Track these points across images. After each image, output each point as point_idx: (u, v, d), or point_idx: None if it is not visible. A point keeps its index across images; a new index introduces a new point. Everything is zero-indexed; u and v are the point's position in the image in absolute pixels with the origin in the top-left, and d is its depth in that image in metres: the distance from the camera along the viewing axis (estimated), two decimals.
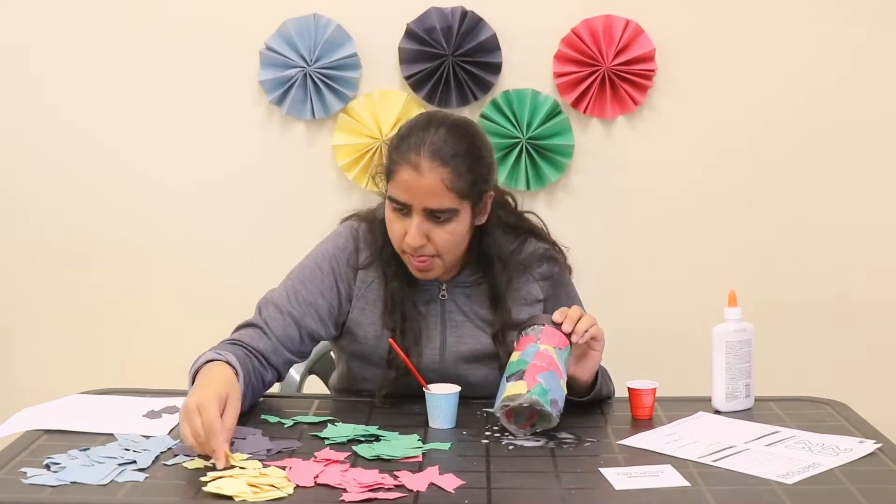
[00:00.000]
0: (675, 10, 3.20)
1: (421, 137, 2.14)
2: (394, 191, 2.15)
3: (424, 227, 2.13)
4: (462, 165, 2.13)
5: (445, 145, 2.13)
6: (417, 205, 2.12)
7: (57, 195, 3.28)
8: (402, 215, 2.15)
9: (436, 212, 2.13)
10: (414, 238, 2.13)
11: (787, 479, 1.77)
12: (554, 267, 2.32)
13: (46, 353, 3.33)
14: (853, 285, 3.27)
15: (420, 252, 2.15)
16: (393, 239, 2.18)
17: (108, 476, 1.77)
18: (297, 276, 2.25)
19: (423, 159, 2.11)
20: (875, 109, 3.23)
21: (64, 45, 3.24)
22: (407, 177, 2.12)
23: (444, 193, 2.12)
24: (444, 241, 2.15)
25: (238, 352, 2.12)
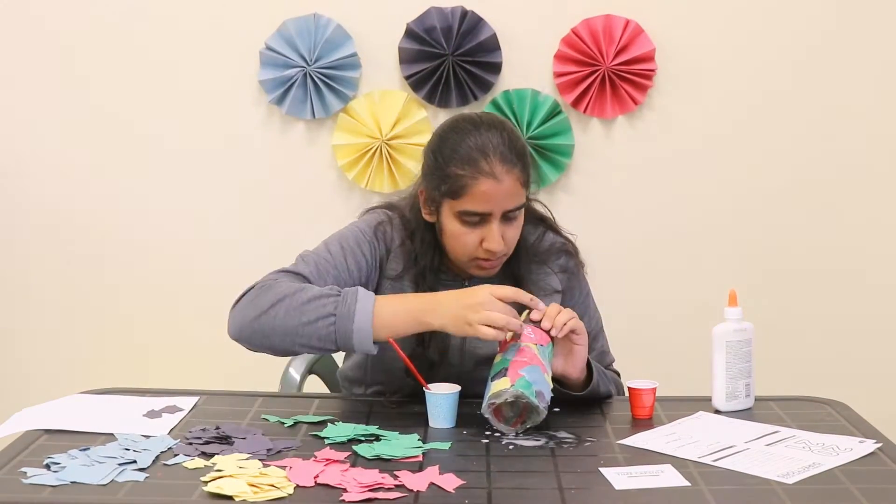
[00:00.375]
0: (675, 10, 3.21)
1: (483, 147, 2.12)
2: (469, 205, 2.12)
3: (501, 229, 2.14)
4: (525, 160, 2.18)
5: (507, 145, 2.14)
6: (497, 211, 2.13)
7: (57, 195, 3.28)
8: (475, 226, 2.13)
9: (511, 211, 2.15)
10: (499, 244, 2.13)
11: (787, 479, 1.77)
12: (570, 260, 2.33)
13: (46, 354, 3.33)
14: (853, 285, 3.28)
15: (498, 255, 2.15)
16: (464, 251, 2.16)
17: (108, 476, 1.77)
18: (341, 243, 2.20)
19: (495, 166, 2.11)
20: (875, 109, 3.24)
21: (64, 45, 3.24)
22: (486, 188, 2.11)
23: (520, 192, 2.16)
24: (515, 236, 2.19)
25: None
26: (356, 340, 2.03)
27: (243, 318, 2.07)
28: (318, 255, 2.18)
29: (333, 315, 2.02)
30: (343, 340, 2.04)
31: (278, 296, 2.05)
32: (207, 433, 1.97)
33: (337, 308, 2.02)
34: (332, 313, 2.02)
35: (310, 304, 2.03)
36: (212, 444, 1.93)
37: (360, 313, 2.02)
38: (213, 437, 1.95)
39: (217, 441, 1.94)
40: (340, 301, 2.03)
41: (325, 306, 2.03)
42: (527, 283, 2.25)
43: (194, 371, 3.03)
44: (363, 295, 2.04)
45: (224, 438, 1.95)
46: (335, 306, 2.02)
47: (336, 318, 2.02)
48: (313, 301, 2.03)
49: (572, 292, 2.32)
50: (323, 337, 2.03)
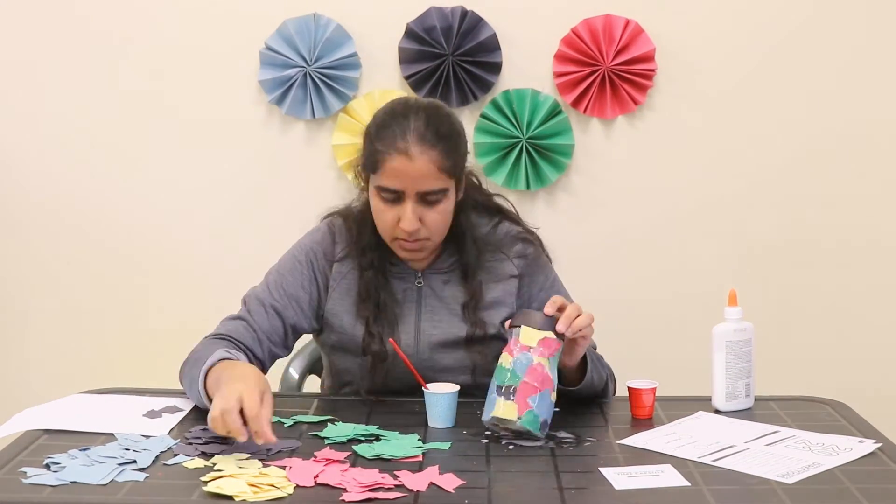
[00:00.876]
0: (675, 10, 3.21)
1: (403, 124, 2.16)
2: (384, 180, 2.17)
3: (418, 210, 2.16)
4: (448, 145, 2.17)
5: (430, 128, 2.16)
6: (410, 190, 2.15)
7: (58, 194, 3.28)
8: (393, 203, 2.17)
9: (428, 194, 2.16)
10: (410, 223, 2.15)
11: (787, 479, 1.77)
12: (528, 247, 2.32)
13: (47, 354, 3.33)
14: (854, 284, 3.28)
15: (414, 236, 2.18)
16: (383, 228, 2.21)
17: (108, 476, 1.77)
18: (278, 271, 2.31)
19: (411, 145, 2.14)
20: (875, 109, 3.23)
21: (64, 45, 3.24)
22: (397, 164, 2.14)
23: (436, 175, 2.16)
24: (436, 221, 2.19)
25: (229, 346, 2.17)
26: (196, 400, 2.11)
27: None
28: (257, 292, 2.29)
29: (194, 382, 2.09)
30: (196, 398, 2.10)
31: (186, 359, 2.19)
32: (207, 433, 1.97)
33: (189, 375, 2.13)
34: (193, 380, 2.09)
35: (185, 369, 2.16)
36: (212, 444, 1.93)
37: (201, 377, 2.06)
38: (212, 437, 1.95)
39: (217, 441, 1.94)
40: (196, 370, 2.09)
41: (191, 372, 2.12)
42: (477, 271, 2.27)
43: None
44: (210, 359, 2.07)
45: (224, 438, 1.95)
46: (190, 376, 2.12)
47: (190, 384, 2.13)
48: (191, 366, 2.13)
49: (534, 277, 2.31)
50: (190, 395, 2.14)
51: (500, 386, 1.99)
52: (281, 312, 2.26)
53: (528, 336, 2.00)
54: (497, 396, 1.99)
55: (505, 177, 3.20)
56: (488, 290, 2.27)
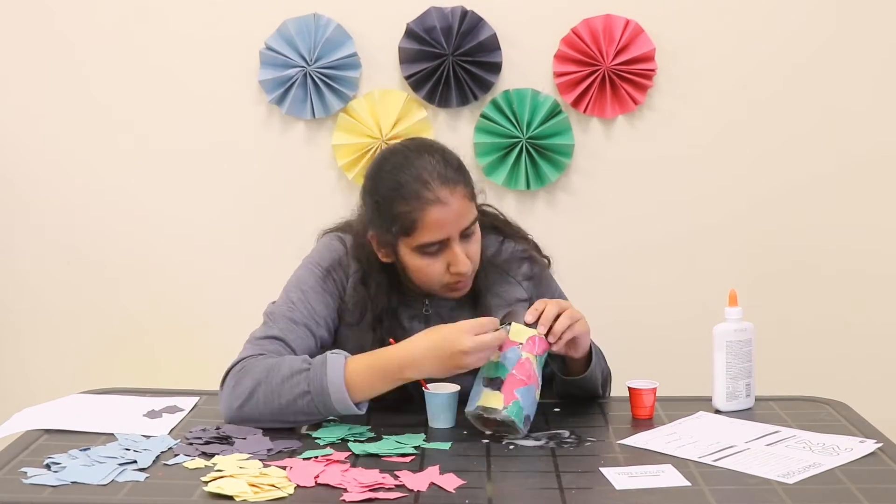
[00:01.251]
0: (675, 10, 3.20)
1: (417, 174, 2.09)
2: (425, 236, 2.09)
3: (464, 248, 2.12)
4: (464, 173, 2.15)
5: (444, 166, 2.11)
6: (454, 234, 2.10)
7: (58, 194, 3.28)
8: (435, 255, 2.11)
9: (467, 229, 2.12)
10: (465, 263, 2.10)
11: (787, 479, 1.77)
12: (534, 266, 2.31)
13: (46, 354, 3.32)
14: (853, 285, 3.27)
15: (467, 275, 2.13)
16: (432, 280, 2.14)
17: (109, 476, 1.77)
18: (299, 287, 2.20)
19: (439, 191, 2.08)
20: (875, 109, 3.23)
21: (64, 45, 3.24)
22: (438, 215, 2.08)
23: (469, 207, 2.13)
24: (475, 251, 2.16)
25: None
26: (340, 409, 2.02)
27: (229, 407, 2.06)
28: (283, 309, 2.17)
29: (308, 392, 2.01)
30: (326, 411, 2.03)
31: (254, 382, 2.04)
32: (208, 433, 1.97)
33: (310, 385, 2.01)
34: (307, 391, 2.01)
35: (284, 386, 2.02)
36: (212, 444, 1.93)
37: (332, 386, 2.00)
38: (213, 437, 1.96)
39: (217, 441, 1.95)
40: (311, 376, 2.01)
41: (299, 385, 2.01)
42: (489, 296, 2.23)
43: (195, 371, 3.02)
44: (332, 365, 2.02)
45: (224, 438, 1.96)
46: (308, 383, 2.01)
47: (311, 394, 2.01)
48: (286, 382, 2.02)
49: (542, 294, 2.28)
50: (307, 412, 2.03)
51: (487, 378, 2.01)
52: (313, 330, 2.16)
53: (517, 332, 2.02)
54: (483, 388, 2.00)
55: (505, 177, 3.20)
56: (498, 314, 2.22)
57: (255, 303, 2.25)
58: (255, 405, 2.03)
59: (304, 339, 2.14)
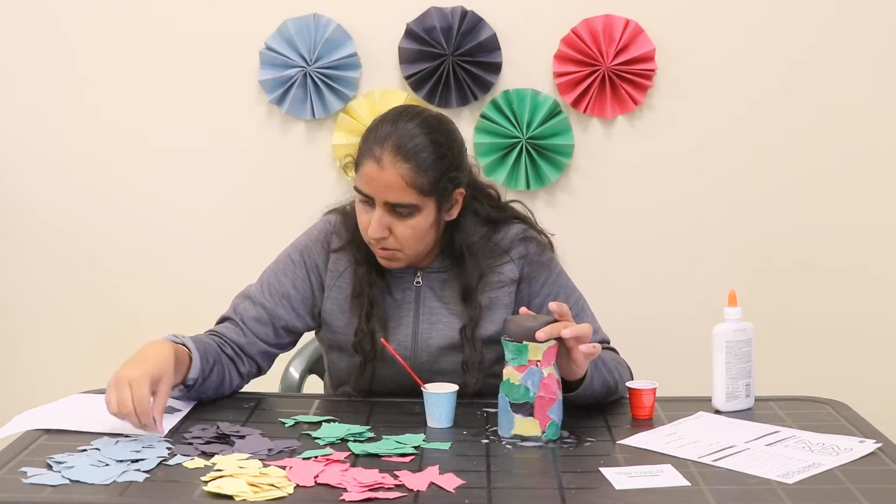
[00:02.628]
0: (675, 10, 3.21)
1: (387, 131, 2.15)
2: (359, 182, 2.17)
3: (386, 219, 2.15)
4: (425, 162, 2.14)
5: (409, 141, 2.14)
6: (379, 198, 2.14)
7: (58, 194, 3.28)
8: (368, 206, 2.17)
9: (396, 206, 2.14)
10: (374, 230, 2.15)
11: (787, 479, 1.77)
12: (530, 246, 2.29)
13: (46, 354, 3.33)
14: (853, 284, 3.28)
15: (382, 244, 2.17)
16: (361, 228, 2.20)
17: (111, 477, 1.77)
18: (271, 269, 2.31)
19: (385, 153, 2.13)
20: (874, 108, 3.23)
21: (64, 45, 3.24)
22: (369, 170, 2.14)
23: (404, 189, 2.13)
24: (405, 235, 2.17)
25: (211, 341, 2.19)
26: None
27: None
28: (248, 289, 2.31)
29: None
30: None
31: None
32: (207, 433, 1.97)
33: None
34: None
35: None
36: (212, 444, 1.93)
37: None
38: (213, 437, 1.96)
39: (217, 441, 1.94)
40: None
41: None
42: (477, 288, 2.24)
43: None
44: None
45: (224, 438, 1.96)
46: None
47: None
48: None
49: (537, 276, 2.28)
50: None
51: (514, 403, 1.97)
52: (271, 311, 2.25)
53: (534, 351, 1.97)
54: (514, 414, 1.97)
55: (505, 177, 3.20)
56: (487, 298, 2.24)
57: None
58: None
59: (259, 320, 2.26)
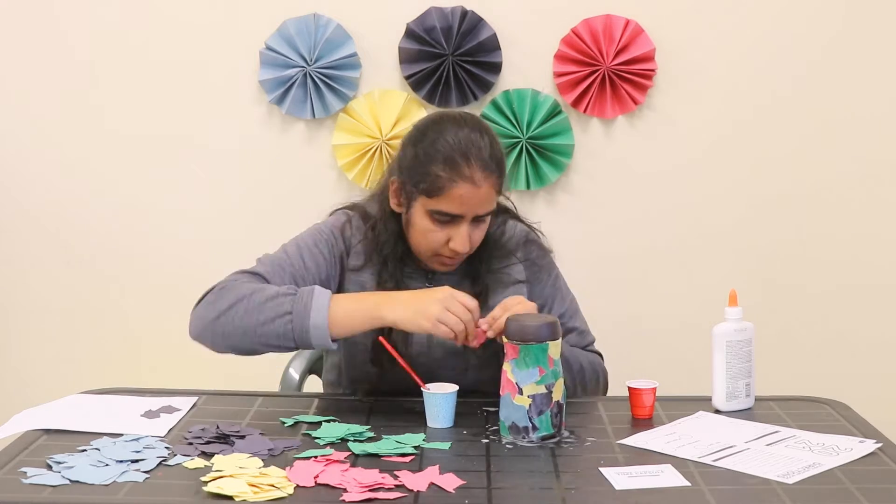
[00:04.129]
0: (675, 10, 3.21)
1: (464, 147, 2.11)
2: (444, 206, 2.12)
3: (470, 230, 2.15)
4: (503, 168, 2.17)
5: (490, 153, 2.14)
6: (470, 215, 2.13)
7: (57, 194, 3.28)
8: (445, 225, 2.14)
9: (483, 216, 2.15)
10: (465, 245, 2.13)
11: (787, 479, 1.77)
12: (533, 248, 2.31)
13: (46, 354, 3.32)
14: (854, 284, 3.28)
15: (463, 254, 2.16)
16: (429, 247, 2.16)
17: (111, 477, 1.77)
18: (297, 243, 2.24)
19: (476, 171, 2.11)
20: (877, 110, 3.23)
21: (64, 45, 3.24)
22: (463, 192, 2.11)
23: (494, 198, 2.16)
24: (480, 237, 2.19)
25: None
26: (313, 337, 2.06)
27: (203, 319, 2.11)
28: (276, 257, 2.22)
29: (290, 313, 2.05)
30: (300, 338, 2.06)
31: (237, 296, 2.09)
32: (207, 433, 1.97)
33: (293, 306, 2.05)
34: (289, 311, 2.05)
35: (267, 304, 2.06)
36: (212, 444, 1.93)
37: (315, 311, 2.04)
38: (213, 437, 1.96)
39: (217, 441, 1.94)
40: (296, 299, 2.06)
41: (282, 305, 2.06)
42: (486, 276, 2.24)
43: (195, 371, 3.02)
44: (319, 293, 2.07)
45: (224, 438, 1.96)
46: (291, 304, 2.05)
47: (292, 315, 2.05)
48: (270, 301, 2.07)
49: (539, 278, 2.31)
50: (281, 335, 2.06)
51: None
52: (298, 281, 2.18)
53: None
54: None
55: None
56: (495, 293, 2.24)
57: None
58: (231, 319, 2.08)
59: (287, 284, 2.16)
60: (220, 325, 2.09)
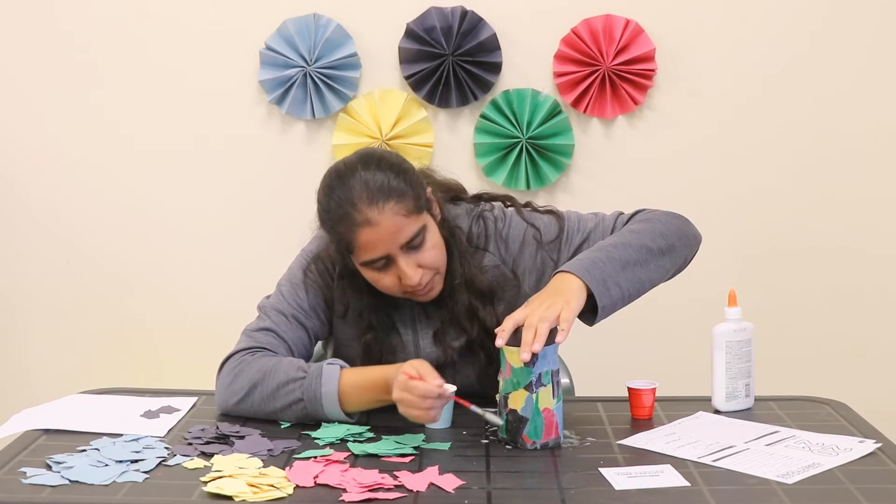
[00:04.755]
0: (675, 10, 3.21)
1: (348, 198, 2.05)
2: (365, 255, 2.06)
3: (411, 261, 2.07)
4: (397, 189, 2.06)
5: (373, 185, 2.05)
6: (394, 249, 2.06)
7: (57, 194, 3.28)
8: (384, 269, 2.08)
9: (411, 241, 2.06)
10: (412, 277, 2.07)
11: (787, 479, 1.77)
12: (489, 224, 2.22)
13: (46, 354, 3.33)
14: (854, 285, 3.28)
15: (422, 284, 2.09)
16: (390, 290, 2.11)
17: (111, 477, 1.77)
18: (290, 281, 2.23)
19: (365, 212, 2.03)
20: (876, 110, 3.23)
21: (64, 45, 3.24)
22: (368, 236, 2.04)
23: (405, 222, 2.06)
24: (433, 257, 2.10)
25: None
26: (330, 417, 2.06)
27: (225, 402, 2.12)
28: (275, 302, 2.20)
29: (302, 400, 2.05)
30: (317, 418, 2.07)
31: (250, 382, 2.09)
32: (207, 433, 1.97)
33: (304, 393, 2.05)
34: (300, 398, 2.05)
35: (279, 392, 2.07)
36: (211, 445, 1.93)
37: (326, 397, 2.04)
38: (212, 437, 1.95)
39: (216, 441, 1.94)
40: (306, 386, 2.05)
41: (293, 392, 2.06)
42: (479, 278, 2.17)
43: (195, 371, 3.03)
44: (327, 376, 2.05)
45: (223, 439, 1.96)
46: (302, 392, 2.05)
47: (305, 402, 2.05)
48: (281, 388, 2.07)
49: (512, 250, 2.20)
50: (300, 417, 2.07)
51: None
52: (302, 321, 2.19)
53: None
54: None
55: (505, 177, 3.20)
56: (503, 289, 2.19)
57: (254, 302, 2.25)
58: (249, 405, 2.09)
59: (295, 330, 2.18)
60: (242, 410, 2.10)
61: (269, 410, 2.07)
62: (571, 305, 1.97)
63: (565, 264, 2.05)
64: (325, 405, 2.04)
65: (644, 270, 2.13)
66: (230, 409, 2.11)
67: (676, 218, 2.25)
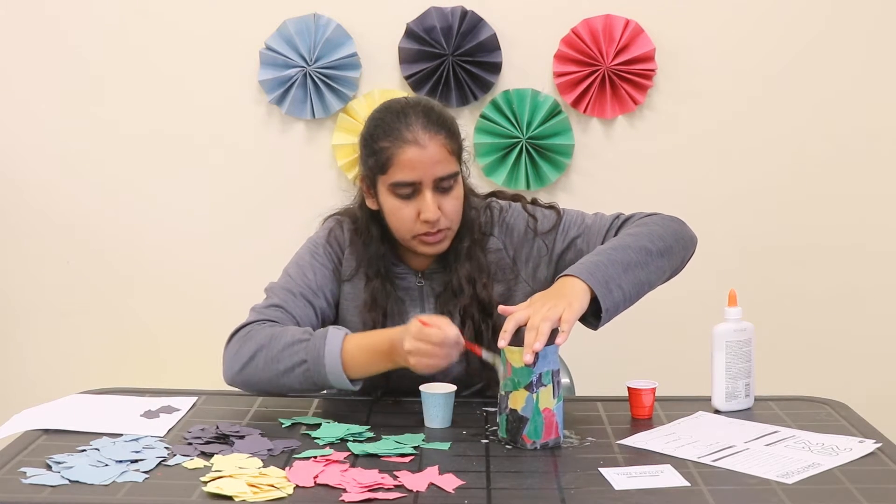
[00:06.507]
0: (675, 10, 3.21)
1: (405, 118, 2.14)
2: (398, 175, 2.13)
3: (436, 199, 2.13)
4: (452, 129, 2.17)
5: (431, 116, 2.15)
6: (427, 178, 2.13)
7: (58, 194, 3.28)
8: (409, 198, 2.14)
9: (443, 180, 2.13)
10: (433, 211, 2.12)
11: (786, 479, 1.77)
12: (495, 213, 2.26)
13: (46, 354, 3.33)
14: (853, 285, 3.28)
15: (436, 226, 2.14)
16: (402, 226, 2.16)
17: (111, 477, 1.77)
18: (297, 263, 2.27)
19: (419, 132, 2.12)
20: (874, 106, 3.23)
21: (65, 46, 3.24)
22: (411, 155, 2.11)
23: (448, 158, 2.14)
24: (454, 207, 2.16)
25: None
26: (333, 382, 2.09)
27: (231, 369, 2.16)
28: (282, 283, 2.24)
29: (305, 362, 2.08)
30: (321, 383, 2.10)
31: (256, 346, 2.12)
32: (207, 433, 1.97)
33: (308, 354, 2.08)
34: (304, 359, 2.08)
35: (284, 353, 2.10)
36: (211, 445, 1.93)
37: (329, 357, 2.07)
38: (212, 437, 1.95)
39: (216, 441, 1.94)
40: (310, 346, 2.08)
41: (297, 353, 2.09)
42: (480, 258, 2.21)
43: (194, 371, 3.03)
44: (331, 338, 2.08)
45: (223, 438, 1.96)
46: (306, 353, 2.08)
47: (308, 364, 2.08)
48: (287, 349, 2.10)
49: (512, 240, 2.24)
50: (302, 381, 2.10)
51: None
52: (310, 300, 2.22)
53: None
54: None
55: (505, 177, 3.20)
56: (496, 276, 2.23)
57: (254, 301, 2.25)
58: (253, 370, 2.12)
59: (303, 308, 2.21)
60: (246, 376, 2.14)
61: (273, 374, 2.10)
62: (574, 307, 1.99)
63: (569, 269, 2.07)
64: (327, 366, 2.06)
65: (644, 272, 2.15)
66: (235, 376, 2.14)
67: (673, 220, 2.28)
